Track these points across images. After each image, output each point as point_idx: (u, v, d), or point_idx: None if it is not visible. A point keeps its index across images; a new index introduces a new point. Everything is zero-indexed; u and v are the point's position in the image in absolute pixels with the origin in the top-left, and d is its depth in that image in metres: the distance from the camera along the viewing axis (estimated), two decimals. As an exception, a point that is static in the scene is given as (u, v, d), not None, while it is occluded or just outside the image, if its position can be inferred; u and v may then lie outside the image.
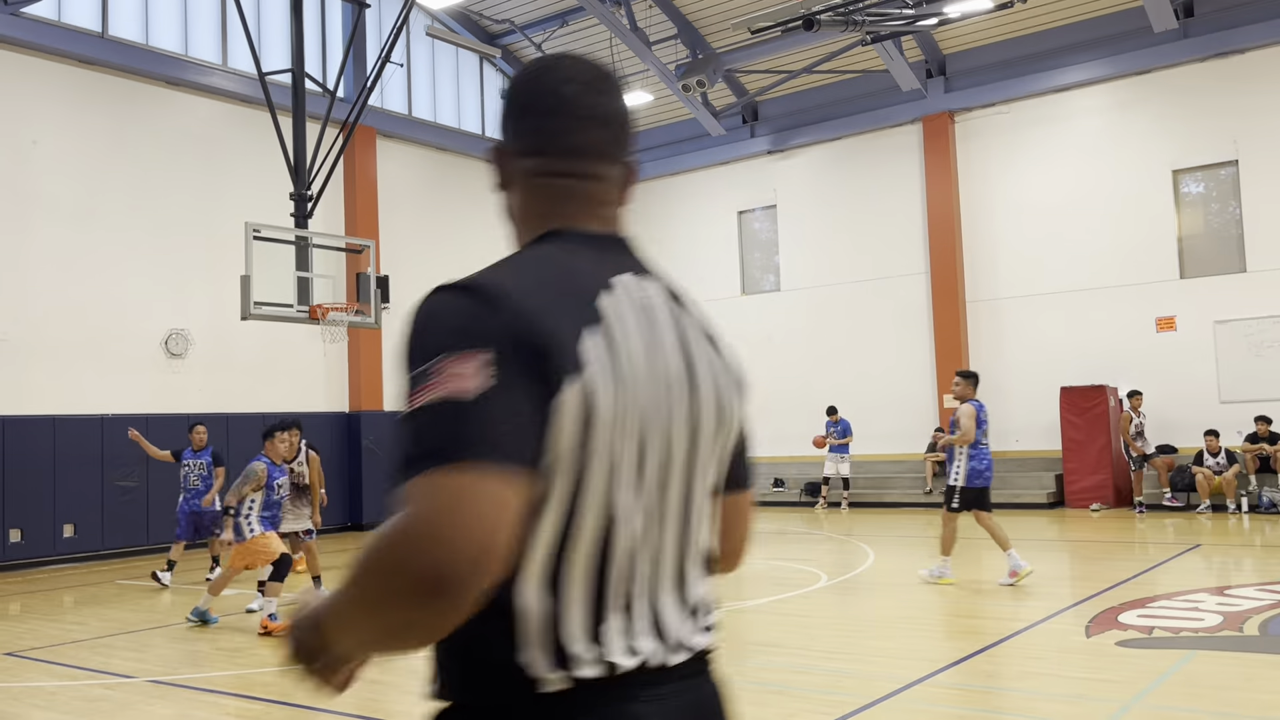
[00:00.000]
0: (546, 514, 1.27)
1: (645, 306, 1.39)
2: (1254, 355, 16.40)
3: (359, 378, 18.32)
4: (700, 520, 1.43)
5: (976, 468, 9.62)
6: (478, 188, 21.20)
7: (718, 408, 1.43)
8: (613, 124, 1.47)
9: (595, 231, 1.45)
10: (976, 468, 9.62)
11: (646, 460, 1.34)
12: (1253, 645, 6.58)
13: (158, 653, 7.79)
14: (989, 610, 8.48)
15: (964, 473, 9.61)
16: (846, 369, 20.09)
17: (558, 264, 1.38)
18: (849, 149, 20.59)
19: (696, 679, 1.44)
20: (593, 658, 1.29)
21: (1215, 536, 12.59)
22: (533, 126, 1.48)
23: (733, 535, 1.59)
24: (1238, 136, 16.68)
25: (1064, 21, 18.14)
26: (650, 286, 1.43)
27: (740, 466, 1.56)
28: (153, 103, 16.06)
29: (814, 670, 6.37)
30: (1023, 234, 18.63)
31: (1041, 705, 5.41)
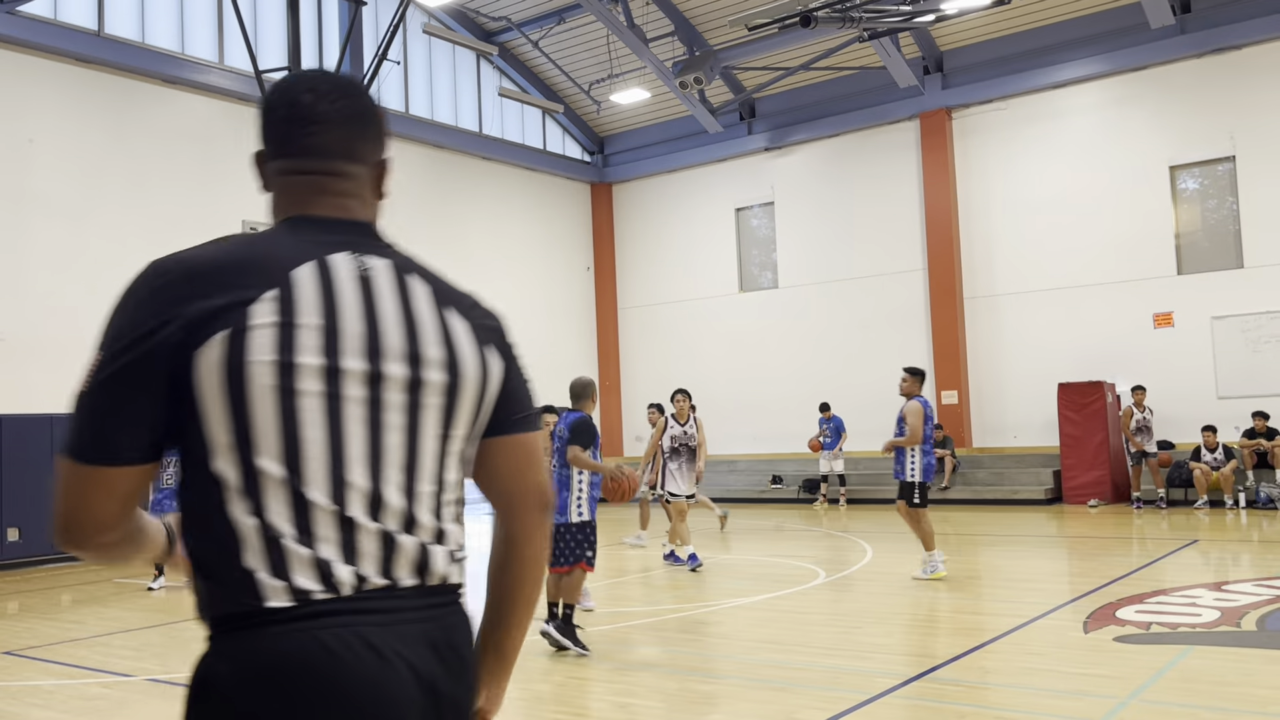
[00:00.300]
0: (219, 451, 1.49)
1: (362, 278, 1.58)
2: (1251, 351, 16.42)
3: (357, 376, 18.30)
4: (431, 457, 1.61)
5: (930, 463, 9.76)
6: (474, 185, 21.19)
7: (448, 363, 1.62)
8: (350, 127, 1.67)
9: (327, 217, 1.64)
10: (930, 463, 9.76)
11: (345, 403, 1.53)
12: (1250, 640, 6.59)
13: (156, 651, 7.79)
14: (987, 606, 8.49)
15: (919, 468, 9.69)
16: (844, 366, 20.10)
17: (263, 241, 1.59)
18: (846, 146, 20.59)
19: (436, 609, 1.58)
20: (310, 577, 1.47)
21: (1213, 532, 12.61)
22: (276, 132, 1.67)
23: (515, 476, 1.73)
24: (1235, 132, 16.69)
25: (1061, 18, 18.15)
26: (375, 261, 1.62)
27: (506, 413, 1.72)
28: (149, 101, 16.03)
29: (813, 667, 6.38)
30: (1020, 230, 18.64)
31: (1039, 701, 5.42)
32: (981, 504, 17.26)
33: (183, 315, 1.47)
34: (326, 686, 1.43)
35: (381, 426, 1.55)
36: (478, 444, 1.71)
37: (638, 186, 23.51)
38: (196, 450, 1.51)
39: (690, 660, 6.76)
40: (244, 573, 1.47)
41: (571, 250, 23.39)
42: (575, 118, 23.27)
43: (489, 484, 1.74)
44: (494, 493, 1.75)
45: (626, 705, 5.62)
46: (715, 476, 21.10)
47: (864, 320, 20.18)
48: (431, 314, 1.64)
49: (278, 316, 1.49)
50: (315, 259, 1.56)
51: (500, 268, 21.49)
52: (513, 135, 22.14)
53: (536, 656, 7.03)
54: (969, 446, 18.78)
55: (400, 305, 1.61)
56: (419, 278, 1.66)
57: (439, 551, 1.59)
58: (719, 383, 21.75)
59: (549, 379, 24.49)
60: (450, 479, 1.65)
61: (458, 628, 1.62)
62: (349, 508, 1.51)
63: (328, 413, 1.51)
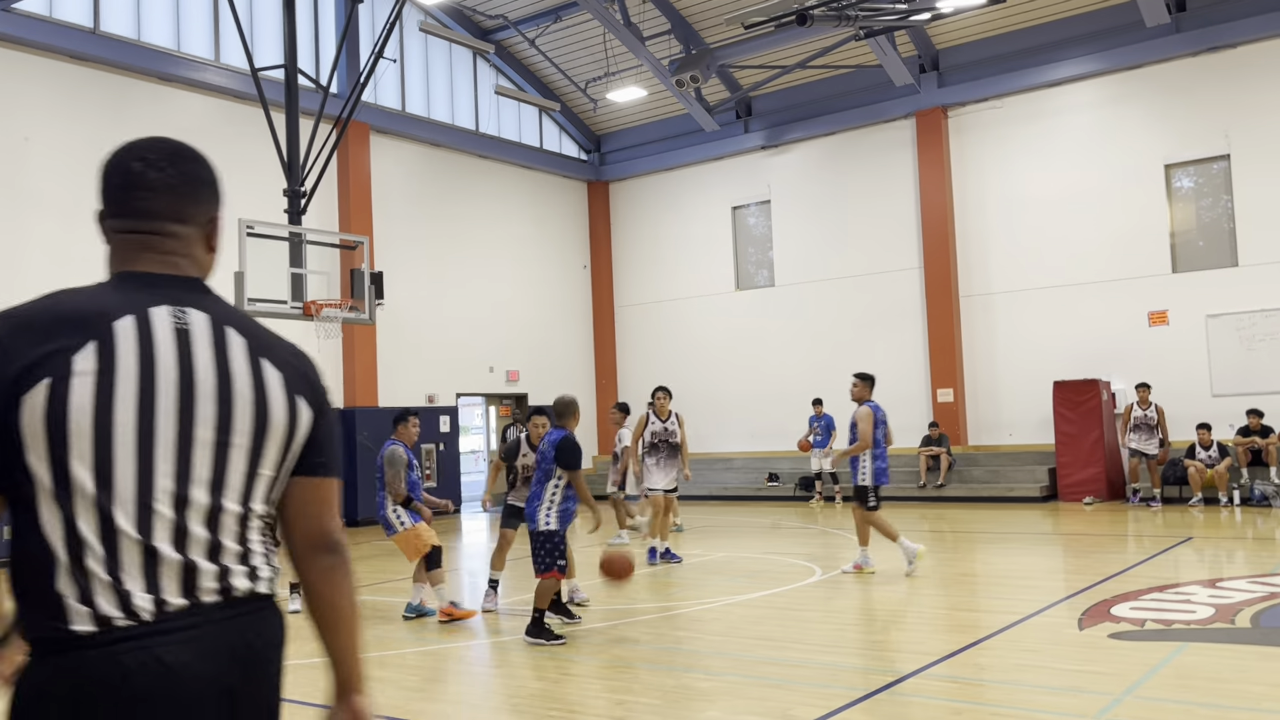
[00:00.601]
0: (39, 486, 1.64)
1: (179, 330, 1.76)
2: (1245, 349, 16.47)
3: (353, 374, 18.31)
4: (236, 491, 1.78)
5: (881, 466, 9.86)
6: (471, 183, 21.18)
7: (256, 408, 1.80)
8: (178, 192, 1.85)
9: (153, 273, 1.82)
10: (881, 466, 9.86)
11: (156, 444, 1.69)
12: (1245, 637, 6.62)
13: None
14: (982, 603, 8.52)
15: (871, 471, 9.81)
16: (840, 364, 20.09)
17: (90, 295, 1.77)
18: (842, 144, 20.61)
19: (239, 619, 1.75)
20: (113, 604, 1.63)
21: (1207, 529, 12.65)
22: (110, 196, 1.87)
23: (307, 517, 1.91)
24: (1229, 131, 16.73)
25: (1056, 16, 18.18)
26: (195, 314, 1.80)
27: (309, 458, 1.90)
28: (145, 99, 16.01)
29: (809, 663, 6.40)
30: (1016, 229, 18.67)
31: (1035, 698, 5.44)
32: (977, 501, 17.30)
33: (13, 364, 1.62)
34: (124, 707, 1.62)
35: (191, 464, 1.72)
36: (286, 481, 1.89)
37: (634, 185, 23.51)
38: (19, 486, 1.65)
39: (687, 657, 6.78)
40: (56, 597, 1.63)
41: (568, 248, 23.39)
42: (572, 116, 23.27)
43: (284, 522, 1.92)
44: (288, 533, 1.92)
45: (623, 702, 5.64)
46: (712, 474, 21.14)
47: (860, 318, 20.21)
48: (245, 363, 1.81)
49: (97, 364, 1.66)
50: (136, 312, 1.74)
51: (497, 266, 21.49)
52: (509, 133, 22.14)
53: (533, 654, 7.04)
54: (964, 444, 18.81)
55: (214, 354, 1.79)
56: (236, 330, 1.84)
57: (240, 571, 1.77)
58: (715, 381, 21.78)
59: (545, 377, 24.56)
60: (256, 509, 1.82)
61: (261, 633, 1.80)
62: (155, 539, 1.68)
63: (139, 453, 1.68)
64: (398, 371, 19.16)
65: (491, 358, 21.14)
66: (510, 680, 6.35)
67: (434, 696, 6.06)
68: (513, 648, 7.26)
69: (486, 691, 6.11)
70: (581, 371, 23.20)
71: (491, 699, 5.88)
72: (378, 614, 8.82)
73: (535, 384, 21.54)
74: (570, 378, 22.61)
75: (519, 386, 21.62)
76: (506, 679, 6.39)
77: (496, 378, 21.16)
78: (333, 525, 1.93)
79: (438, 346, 19.98)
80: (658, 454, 11.35)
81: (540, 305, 22.46)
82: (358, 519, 17.87)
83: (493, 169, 21.66)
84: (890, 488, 18.29)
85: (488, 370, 21.01)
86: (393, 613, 8.83)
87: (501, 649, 7.34)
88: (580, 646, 7.24)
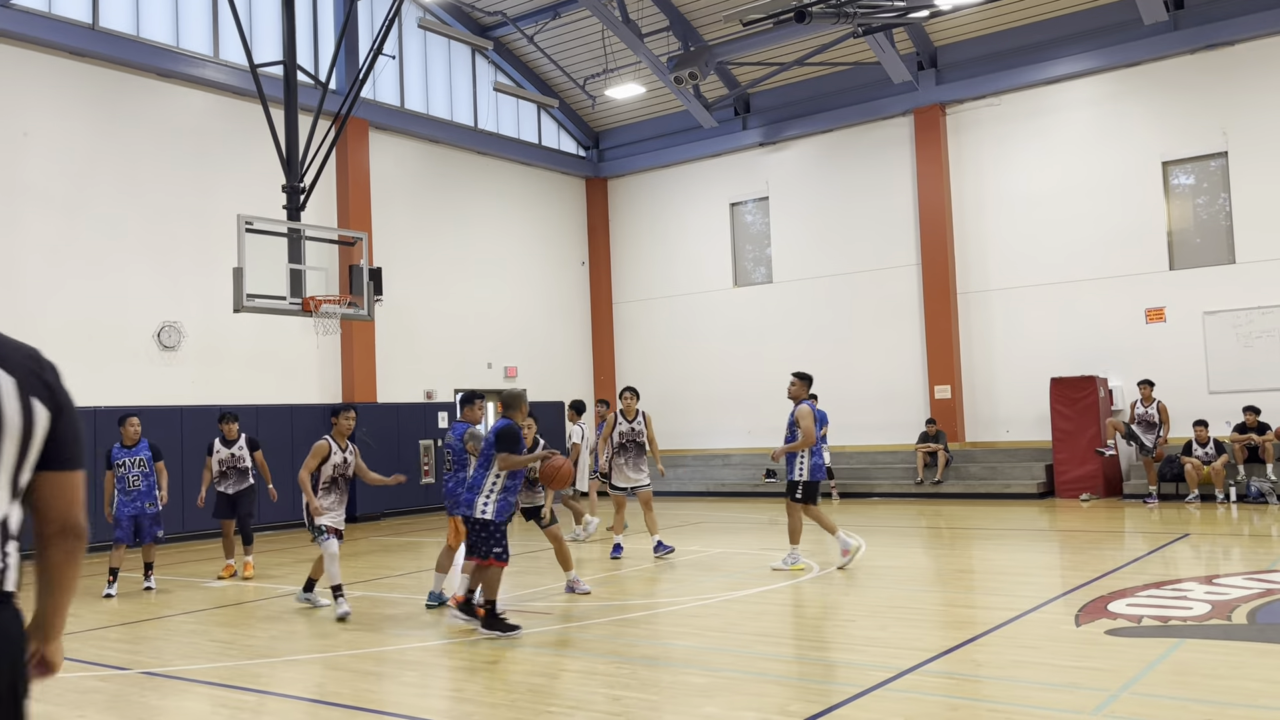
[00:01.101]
0: None
1: None
2: (1243, 346, 16.50)
3: (352, 370, 18.32)
4: None
5: (818, 463, 10.04)
6: (470, 180, 21.18)
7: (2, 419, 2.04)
8: None
9: None
10: (818, 463, 10.04)
11: None
12: (1241, 634, 6.65)
13: (152, 645, 7.81)
14: (979, 600, 8.54)
15: (808, 467, 10.00)
16: (838, 361, 20.15)
17: None
18: (840, 141, 20.62)
19: None
20: None
21: (1204, 526, 12.68)
22: None
23: (57, 503, 2.18)
24: (1227, 128, 16.75)
25: (1055, 14, 18.19)
26: None
27: (51, 453, 2.14)
28: (144, 95, 16.01)
29: (806, 660, 6.42)
30: (1013, 226, 18.70)
31: (1031, 694, 5.46)
32: (974, 498, 17.33)
33: None
34: None
35: None
36: (30, 476, 2.12)
37: (633, 181, 23.52)
38: None
39: (684, 653, 6.80)
40: None
41: (566, 245, 23.40)
42: (570, 113, 23.27)
43: (35, 511, 2.16)
44: (38, 521, 2.17)
45: (620, 698, 5.66)
46: (709, 470, 21.17)
47: (858, 315, 20.23)
48: None
49: None
50: None
51: (495, 262, 21.50)
52: (508, 130, 22.14)
53: (530, 650, 7.07)
54: (962, 441, 18.85)
55: None
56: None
57: None
58: (713, 377, 21.80)
59: (543, 373, 24.57)
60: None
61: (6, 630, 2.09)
62: None
63: None
64: (396, 367, 19.17)
65: (490, 354, 21.15)
66: (507, 676, 6.38)
67: (431, 693, 6.08)
68: (510, 644, 7.28)
69: (484, 688, 6.13)
70: (580, 367, 23.21)
71: (490, 695, 5.90)
72: (375, 609, 8.84)
73: (533, 380, 21.55)
74: (568, 374, 22.63)
75: (517, 382, 21.62)
76: (503, 675, 6.41)
77: (495, 374, 21.17)
78: (77, 514, 2.19)
79: (436, 342, 19.99)
80: (626, 453, 11.58)
81: (538, 301, 22.46)
82: (356, 515, 17.88)
83: (491, 165, 21.66)
84: (888, 484, 18.49)
85: (486, 366, 21.02)
86: (390, 607, 8.85)
87: (499, 645, 7.37)
88: (577, 643, 7.27)
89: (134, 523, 10.33)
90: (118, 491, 10.33)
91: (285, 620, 8.63)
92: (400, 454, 18.94)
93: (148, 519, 10.38)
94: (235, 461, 11.39)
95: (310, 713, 5.71)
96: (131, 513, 10.32)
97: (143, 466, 10.37)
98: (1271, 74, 16.43)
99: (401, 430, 19.01)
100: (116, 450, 10.38)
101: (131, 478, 10.32)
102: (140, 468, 10.36)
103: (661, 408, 22.60)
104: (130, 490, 10.30)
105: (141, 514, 10.34)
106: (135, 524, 10.34)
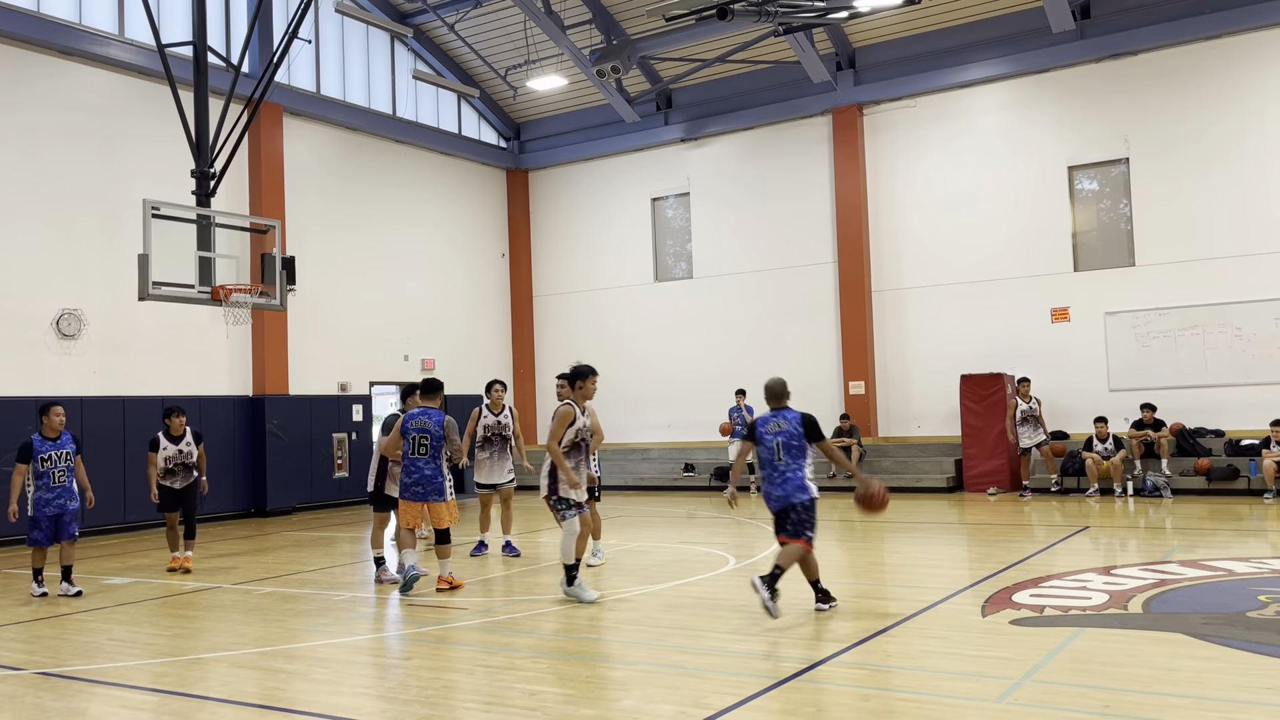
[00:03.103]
0: None
1: None
2: (1141, 346, 17.15)
3: (263, 361, 17.88)
4: None
5: None
6: (387, 169, 20.84)
7: None
8: None
9: None
10: None
11: None
12: (1136, 623, 6.91)
13: (48, 644, 7.53)
14: (890, 591, 8.73)
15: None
16: (756, 356, 20.37)
17: None
18: (761, 138, 20.82)
19: None
20: None
21: (1103, 519, 13.16)
22: None
23: None
24: (1129, 135, 17.37)
25: (969, 19, 18.63)
26: None
27: None
28: (45, 73, 15.37)
29: (723, 652, 6.48)
30: (926, 226, 19.12)
31: (939, 683, 5.60)
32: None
33: None
34: None
35: None
36: None
37: (554, 174, 23.41)
38: None
39: (602, 646, 6.81)
40: None
41: (486, 236, 23.18)
42: (491, 103, 23.04)
43: None
44: None
45: (537, 693, 5.64)
46: (628, 464, 21.21)
47: (775, 311, 20.47)
48: None
49: None
50: None
51: (413, 253, 21.19)
52: (427, 119, 21.83)
53: (444, 645, 6.99)
54: (875, 436, 19.22)
55: None
56: None
57: None
58: (633, 371, 21.84)
59: (461, 366, 24.31)
60: None
61: None
62: None
63: None
64: (310, 359, 18.77)
65: (406, 346, 20.86)
66: (423, 671, 6.30)
67: (344, 690, 5.98)
68: (429, 639, 7.19)
69: (398, 684, 6.05)
70: (499, 360, 23.03)
71: (404, 691, 5.82)
72: (286, 604, 8.65)
73: (451, 373, 21.30)
74: (487, 367, 22.43)
75: (434, 375, 21.35)
76: (417, 671, 6.33)
77: (412, 366, 20.89)
78: None
79: (351, 334, 19.64)
80: (491, 448, 11.04)
81: (457, 293, 22.22)
82: (267, 509, 17.48)
83: (410, 154, 21.34)
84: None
85: (403, 359, 20.73)
86: (301, 602, 8.68)
87: (417, 641, 7.27)
88: (493, 637, 7.22)
89: (54, 522, 9.54)
90: (38, 487, 9.51)
91: (196, 617, 8.39)
92: (313, 447, 18.58)
93: (69, 515, 9.60)
94: (183, 458, 10.96)
95: (215, 713, 5.56)
96: (53, 511, 9.53)
97: (68, 460, 9.61)
98: (1172, 84, 17.08)
99: (314, 423, 18.64)
100: (39, 442, 9.50)
101: (56, 473, 9.53)
102: (66, 461, 9.58)
103: (580, 401, 22.55)
104: (55, 486, 9.51)
105: (64, 511, 9.56)
106: (56, 524, 9.56)
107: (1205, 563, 9.19)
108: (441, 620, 7.70)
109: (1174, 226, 17.00)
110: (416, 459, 8.95)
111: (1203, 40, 16.83)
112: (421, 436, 8.94)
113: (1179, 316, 16.86)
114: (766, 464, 7.71)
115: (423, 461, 8.92)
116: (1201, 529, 11.92)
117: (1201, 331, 16.71)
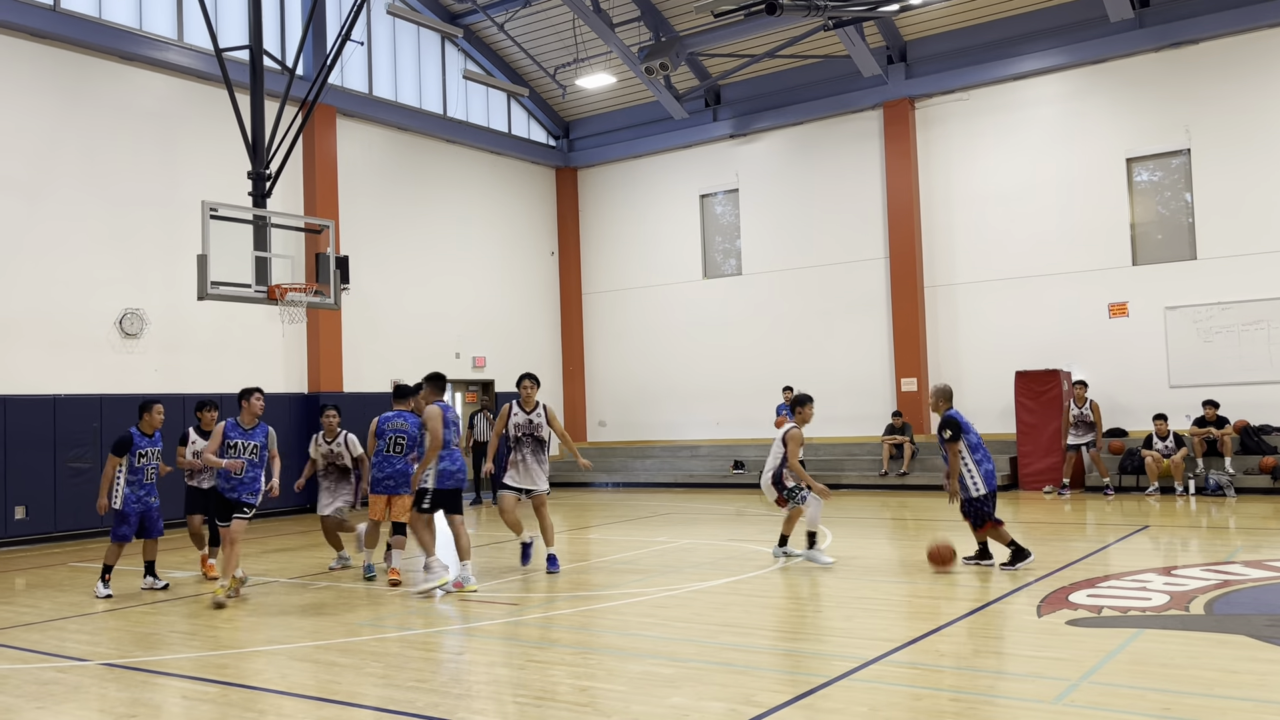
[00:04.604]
0: None
1: None
2: (1203, 341, 16.76)
3: (318, 358, 18.16)
4: None
5: (448, 469, 9.03)
6: (438, 168, 21.04)
7: None
8: None
9: None
10: (448, 469, 9.03)
11: None
12: (1198, 624, 6.76)
13: (111, 635, 7.72)
14: (943, 590, 8.62)
15: (434, 474, 8.98)
16: (806, 353, 20.25)
17: None
18: (810, 134, 20.69)
19: None
20: None
21: (1163, 518, 12.88)
22: None
23: None
24: (1190, 125, 16.98)
25: (1023, 10, 18.34)
26: None
27: None
28: (106, 78, 15.74)
29: (773, 650, 6.45)
30: (980, 220, 18.86)
31: (994, 683, 5.52)
32: (939, 490, 17.46)
33: None
34: None
35: None
36: None
37: (603, 171, 23.46)
38: None
39: (651, 644, 6.82)
40: None
41: (536, 234, 23.31)
42: (540, 102, 23.16)
43: None
44: None
45: (588, 688, 5.66)
46: (677, 461, 21.21)
47: (826, 307, 20.34)
48: None
49: None
50: None
51: (464, 251, 21.38)
52: (477, 118, 22.00)
53: (495, 640, 7.05)
54: (927, 433, 19.00)
55: None
56: None
57: None
58: (682, 368, 21.84)
59: (511, 363, 24.48)
60: None
61: None
62: None
63: None
64: (363, 357, 19.03)
65: (458, 344, 21.05)
66: (475, 666, 6.36)
67: (397, 683, 6.05)
68: (480, 634, 7.25)
69: (450, 678, 6.11)
70: (548, 358, 23.16)
71: (456, 685, 5.88)
72: (340, 599, 8.77)
73: (502, 370, 21.48)
74: (537, 364, 22.55)
75: (485, 373, 21.55)
76: (471, 665, 6.39)
77: (463, 364, 21.07)
78: None
79: (403, 332, 19.87)
80: (523, 449, 9.85)
81: (507, 291, 22.37)
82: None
83: (460, 154, 21.52)
84: (854, 475, 18.59)
85: (454, 356, 20.92)
86: (356, 599, 8.80)
87: (469, 635, 7.34)
88: (543, 633, 7.26)
89: (141, 519, 9.49)
90: (130, 483, 9.39)
91: (253, 611, 8.55)
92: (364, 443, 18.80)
93: (154, 513, 9.58)
94: None
95: (273, 704, 5.66)
96: (142, 509, 9.47)
97: (160, 458, 9.62)
98: (1233, 72, 16.66)
99: (368, 420, 18.84)
100: (138, 437, 9.43)
101: (149, 469, 9.52)
102: (159, 459, 9.59)
103: (630, 399, 22.61)
104: (147, 483, 9.49)
105: (149, 509, 9.52)
106: (141, 520, 9.51)
107: (1270, 563, 8.96)
108: (493, 616, 7.76)
109: (1237, 218, 16.59)
110: (392, 456, 9.72)
111: (1266, 28, 16.40)
112: (399, 436, 9.76)
113: (1242, 311, 16.45)
114: (978, 447, 9.76)
115: (398, 459, 9.69)
116: (1267, 529, 11.61)
117: (1266, 326, 16.28)
